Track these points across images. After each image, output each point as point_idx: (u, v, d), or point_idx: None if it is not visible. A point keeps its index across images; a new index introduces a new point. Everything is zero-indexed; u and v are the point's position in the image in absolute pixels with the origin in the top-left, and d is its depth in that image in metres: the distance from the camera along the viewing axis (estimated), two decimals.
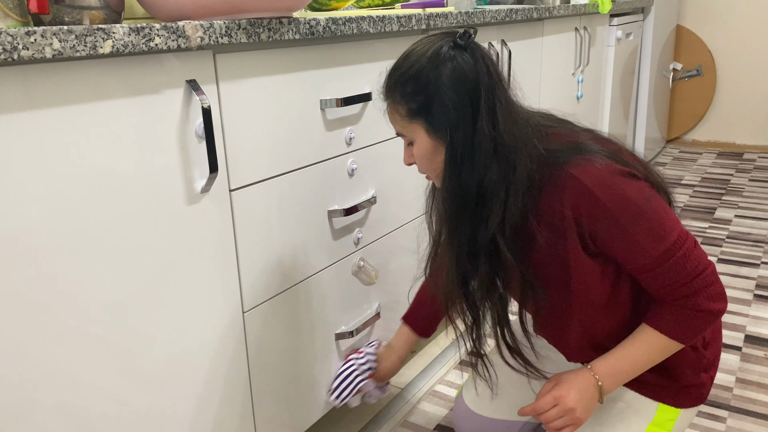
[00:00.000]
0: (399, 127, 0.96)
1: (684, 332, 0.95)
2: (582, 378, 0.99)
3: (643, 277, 0.94)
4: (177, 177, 0.91)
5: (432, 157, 0.95)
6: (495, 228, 0.92)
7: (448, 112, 0.90)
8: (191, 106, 0.91)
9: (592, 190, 0.89)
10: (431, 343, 1.76)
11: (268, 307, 1.12)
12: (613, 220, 0.90)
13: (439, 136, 0.92)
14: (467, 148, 0.91)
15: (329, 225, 1.23)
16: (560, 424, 0.98)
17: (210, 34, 0.88)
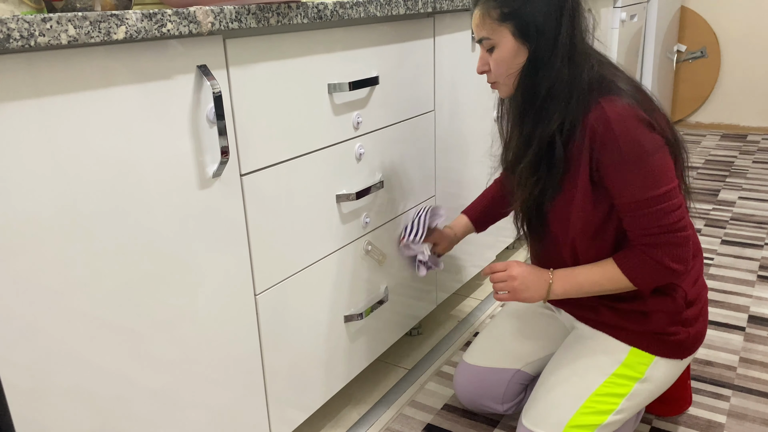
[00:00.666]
0: (487, 31, 1.06)
1: (637, 275, 1.07)
2: (538, 270, 1.16)
3: (625, 215, 1.05)
4: (189, 162, 0.92)
5: (512, 59, 1.06)
6: (555, 127, 1.04)
7: (537, 18, 1.02)
8: (202, 92, 0.92)
9: (610, 121, 1.00)
10: (438, 324, 1.78)
11: (279, 290, 1.13)
12: (618, 154, 1.00)
13: (524, 40, 1.04)
14: (547, 53, 1.03)
15: (337, 209, 1.24)
16: (500, 286, 1.17)
17: (220, 20, 0.89)
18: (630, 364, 1.13)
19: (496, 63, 1.08)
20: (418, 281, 1.58)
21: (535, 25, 1.02)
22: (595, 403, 1.12)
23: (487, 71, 1.11)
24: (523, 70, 1.06)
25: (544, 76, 1.04)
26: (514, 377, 1.31)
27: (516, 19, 1.03)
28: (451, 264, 1.73)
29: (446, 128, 1.58)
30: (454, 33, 1.53)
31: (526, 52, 1.05)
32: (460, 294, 1.95)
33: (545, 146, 1.06)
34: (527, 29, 1.03)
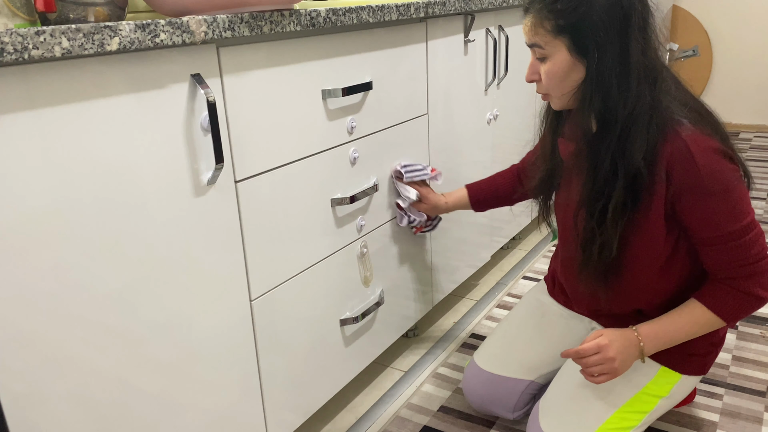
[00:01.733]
0: (539, 40, 0.98)
1: (729, 311, 1.01)
2: (626, 335, 1.05)
3: (708, 249, 1.00)
4: (184, 170, 0.93)
5: (566, 75, 0.98)
6: (641, 157, 0.94)
7: (597, 32, 0.92)
8: (196, 100, 0.93)
9: (692, 154, 0.93)
10: (433, 326, 1.79)
11: (275, 295, 1.14)
12: (700, 188, 0.95)
13: (581, 55, 0.95)
14: (615, 71, 0.93)
15: (332, 213, 1.25)
16: (598, 370, 1.04)
17: (213, 28, 0.89)
18: (658, 382, 1.12)
19: (547, 76, 1.00)
20: (414, 282, 1.59)
21: (596, 41, 0.93)
22: (620, 420, 1.10)
23: (537, 80, 1.04)
24: (587, 90, 0.96)
25: (621, 98, 0.94)
26: (527, 388, 1.29)
27: (573, 33, 0.94)
28: (447, 265, 1.74)
29: (439, 131, 1.59)
30: (446, 37, 1.54)
31: (584, 68, 0.97)
32: (456, 295, 1.96)
33: (631, 180, 0.97)
34: (585, 45, 0.94)
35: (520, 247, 2.32)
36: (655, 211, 0.99)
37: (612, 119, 0.95)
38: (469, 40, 1.64)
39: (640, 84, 0.94)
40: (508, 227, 2.12)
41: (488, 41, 1.74)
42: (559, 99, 1.03)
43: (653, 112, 0.94)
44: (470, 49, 1.66)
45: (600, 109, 0.96)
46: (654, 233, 1.01)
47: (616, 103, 0.95)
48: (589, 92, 0.96)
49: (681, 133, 0.94)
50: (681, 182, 0.95)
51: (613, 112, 0.95)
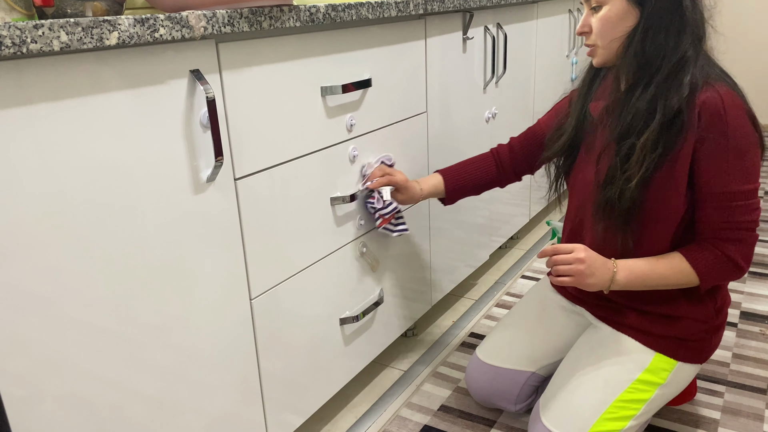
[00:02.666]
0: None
1: (704, 269, 1.05)
2: (603, 257, 1.08)
3: (706, 204, 1.02)
4: (183, 167, 0.92)
5: (620, 21, 1.02)
6: (686, 94, 0.98)
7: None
8: (195, 96, 0.92)
9: (725, 107, 0.97)
10: (432, 325, 1.78)
11: (275, 294, 1.13)
12: (723, 141, 0.98)
13: (636, 2, 1.00)
14: (667, 19, 0.99)
15: (332, 211, 1.24)
16: (564, 269, 1.07)
17: (213, 24, 0.88)
18: (653, 369, 1.12)
19: (600, 22, 1.04)
20: (413, 282, 1.58)
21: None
22: (618, 409, 1.11)
23: (587, 33, 1.07)
24: (635, 35, 1.01)
25: (670, 44, 0.99)
26: (528, 380, 1.30)
27: None
28: (445, 264, 1.73)
29: (438, 129, 1.58)
30: (445, 34, 1.53)
31: (637, 15, 1.01)
32: (455, 294, 1.95)
33: (670, 117, 0.99)
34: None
35: (518, 246, 2.31)
36: (682, 160, 1.01)
37: (656, 64, 1.00)
38: (468, 38, 1.63)
39: (689, 36, 0.99)
40: (506, 227, 2.12)
41: (487, 39, 1.74)
42: (603, 50, 1.06)
43: (697, 62, 0.99)
44: (469, 46, 1.65)
45: (645, 52, 1.00)
46: (677, 183, 1.02)
47: (662, 49, 0.99)
48: (638, 38, 1.00)
49: (719, 87, 0.98)
50: (707, 129, 0.98)
51: (658, 57, 1.00)
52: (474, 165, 1.38)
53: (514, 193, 2.12)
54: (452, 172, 1.37)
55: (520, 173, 1.40)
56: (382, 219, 1.32)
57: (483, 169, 1.37)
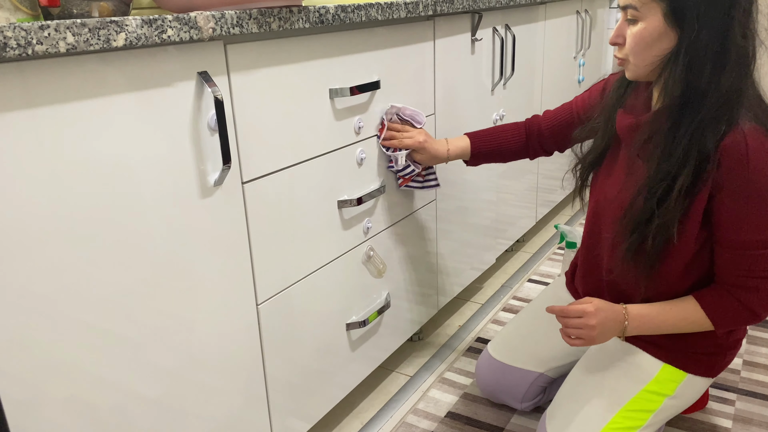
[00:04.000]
0: (634, 0, 0.93)
1: (720, 316, 1.01)
2: (614, 309, 1.05)
3: (724, 251, 0.98)
4: (190, 170, 0.90)
5: (654, 42, 0.93)
6: (715, 141, 0.91)
7: (700, 4, 0.88)
8: (203, 99, 0.90)
9: (749, 151, 0.90)
10: (439, 330, 1.76)
11: (281, 299, 1.11)
12: (744, 188, 0.92)
13: (676, 24, 0.90)
14: (712, 48, 0.89)
15: (339, 215, 1.22)
16: (576, 333, 1.05)
17: (222, 25, 0.87)
18: (661, 380, 1.10)
19: (634, 39, 0.95)
20: (420, 285, 1.56)
21: (697, 12, 0.88)
22: (624, 419, 1.09)
23: (620, 44, 0.99)
24: (675, 62, 0.91)
25: (714, 79, 0.90)
26: (536, 380, 1.30)
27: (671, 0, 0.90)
28: (451, 267, 1.72)
29: (447, 131, 1.56)
30: (453, 36, 1.51)
31: (675, 38, 0.92)
32: (461, 298, 1.94)
33: (699, 164, 0.92)
34: (684, 13, 0.89)
35: (525, 249, 2.30)
36: (698, 203, 0.95)
37: (699, 98, 0.91)
38: (477, 39, 1.61)
39: (735, 68, 0.90)
40: (512, 229, 2.10)
41: (495, 40, 1.72)
42: (636, 67, 0.98)
43: (737, 100, 0.91)
44: (477, 48, 1.63)
45: (688, 85, 0.92)
46: (692, 224, 0.98)
47: (708, 82, 0.90)
48: (678, 65, 0.91)
49: (746, 127, 0.90)
50: (727, 174, 0.92)
51: (702, 92, 0.91)
52: (504, 132, 1.34)
53: (519, 195, 2.10)
54: (480, 136, 1.34)
55: (548, 150, 1.36)
56: (402, 179, 1.32)
57: (512, 137, 1.33)
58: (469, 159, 1.36)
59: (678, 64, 0.91)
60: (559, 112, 1.33)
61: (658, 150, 0.96)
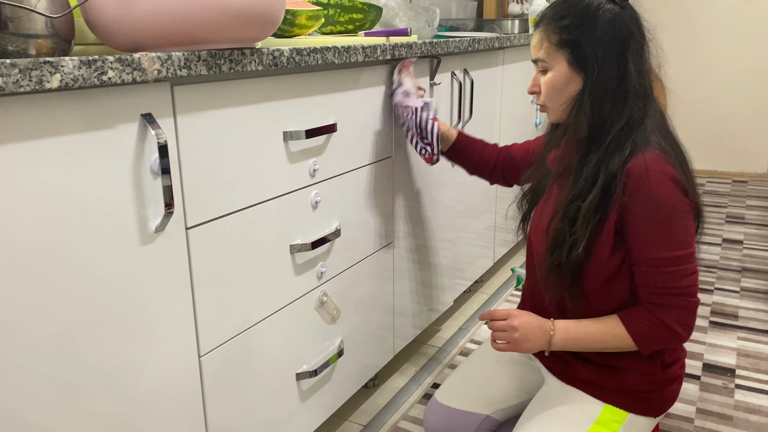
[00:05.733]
0: (543, 53, 1.07)
1: (640, 334, 1.04)
2: (540, 319, 1.11)
3: (639, 269, 1.03)
4: (130, 216, 0.85)
5: (564, 87, 1.06)
6: (620, 164, 1.00)
7: (597, 50, 1.01)
8: (146, 141, 0.86)
9: (649, 175, 0.98)
10: (394, 375, 1.72)
11: (226, 350, 1.06)
12: (650, 207, 0.98)
13: (579, 69, 1.04)
14: (611, 87, 1.02)
15: (291, 260, 1.18)
16: (500, 336, 1.11)
17: (168, 67, 0.83)
18: (604, 421, 1.10)
19: (546, 86, 1.08)
20: (376, 328, 1.52)
21: (595, 57, 1.01)
22: None
23: (537, 92, 1.11)
24: (582, 100, 1.04)
25: (614, 112, 1.02)
26: (483, 422, 1.27)
27: (574, 47, 1.03)
28: (409, 309, 1.68)
29: (405, 174, 1.55)
30: None
31: (581, 81, 1.04)
32: (418, 341, 1.90)
33: (606, 185, 1.01)
34: (584, 59, 1.02)
35: (483, 290, 2.28)
36: (609, 221, 1.02)
37: (604, 129, 1.03)
38: (435, 83, 1.62)
39: (633, 102, 1.02)
40: (471, 269, 2.09)
41: (453, 84, 1.73)
42: (554, 110, 1.10)
43: (642, 126, 1.02)
44: (436, 92, 1.64)
45: (593, 119, 1.03)
46: (605, 243, 1.04)
47: (609, 115, 1.02)
48: (584, 104, 1.03)
49: (647, 152, 0.99)
50: (632, 197, 0.99)
51: (606, 124, 1.02)
52: (483, 145, 1.46)
53: (478, 233, 2.09)
54: (465, 135, 1.47)
55: (507, 178, 1.46)
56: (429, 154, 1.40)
57: (486, 151, 1.45)
58: (449, 148, 1.46)
59: (584, 102, 1.03)
60: (523, 147, 1.43)
61: (571, 175, 1.07)
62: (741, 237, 2.77)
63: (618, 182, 1.00)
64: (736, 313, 2.06)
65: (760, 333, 1.93)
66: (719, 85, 3.76)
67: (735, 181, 3.74)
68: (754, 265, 2.46)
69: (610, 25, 1.01)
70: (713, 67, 3.75)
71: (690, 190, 1.02)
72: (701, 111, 3.82)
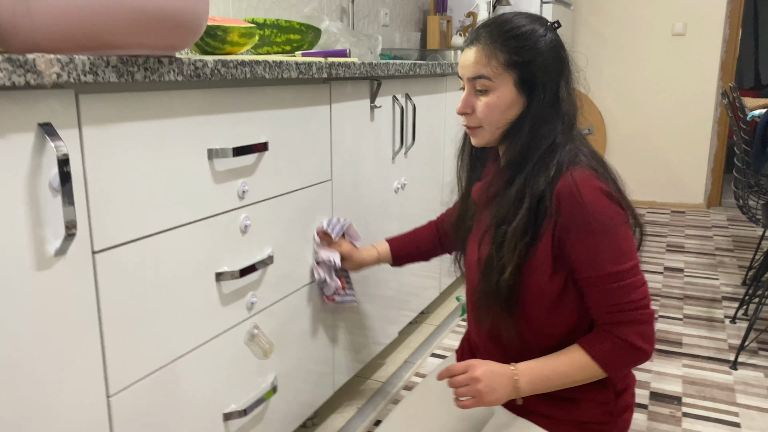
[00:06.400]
0: (489, 71, 1.01)
1: (606, 358, 0.99)
2: (501, 365, 1.03)
3: (590, 290, 0.99)
4: (23, 237, 0.75)
5: (507, 109, 1.02)
6: (550, 180, 0.97)
7: (543, 73, 1.00)
8: (44, 154, 0.77)
9: (581, 192, 0.95)
10: (335, 413, 1.62)
11: (140, 389, 0.95)
12: (586, 225, 0.95)
13: (525, 92, 1.01)
14: (549, 110, 1.00)
15: (217, 289, 1.09)
16: (463, 391, 1.02)
17: (69, 71, 0.75)
18: None
19: (487, 108, 1.02)
20: (314, 363, 1.43)
21: (542, 80, 1.00)
22: None
23: (469, 114, 1.05)
24: (523, 124, 1.01)
25: (545, 134, 1.00)
26: None
27: (524, 69, 1.00)
28: (350, 343, 1.60)
29: (345, 198, 1.48)
30: (351, 101, 1.46)
31: (524, 103, 1.02)
32: (361, 376, 1.81)
33: (534, 207, 0.98)
34: (533, 82, 1.00)
35: (429, 321, 2.22)
36: (544, 244, 0.99)
37: (532, 151, 1.00)
38: (376, 106, 1.57)
39: (563, 123, 1.00)
40: (416, 300, 2.02)
41: (395, 109, 1.69)
42: (489, 133, 1.05)
43: (564, 149, 0.99)
44: (377, 115, 1.59)
45: (526, 142, 1.01)
46: (542, 267, 1.00)
47: (540, 138, 1.00)
48: (523, 128, 1.01)
49: (574, 171, 0.97)
50: (568, 216, 0.96)
51: (535, 146, 1.00)
52: (418, 234, 1.42)
53: (423, 263, 2.04)
54: (399, 240, 1.43)
55: None
56: (326, 297, 1.40)
57: (425, 237, 1.41)
58: (392, 262, 1.42)
59: (523, 126, 1.01)
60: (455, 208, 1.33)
61: (497, 200, 1.04)
62: (682, 265, 2.82)
63: (547, 203, 0.97)
64: (680, 340, 2.06)
65: (704, 360, 1.92)
66: (655, 119, 3.88)
67: (674, 212, 3.84)
68: (695, 293, 2.49)
69: (553, 51, 1.01)
70: (648, 102, 3.88)
71: (623, 202, 0.99)
72: (639, 144, 3.94)
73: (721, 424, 1.58)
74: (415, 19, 3.17)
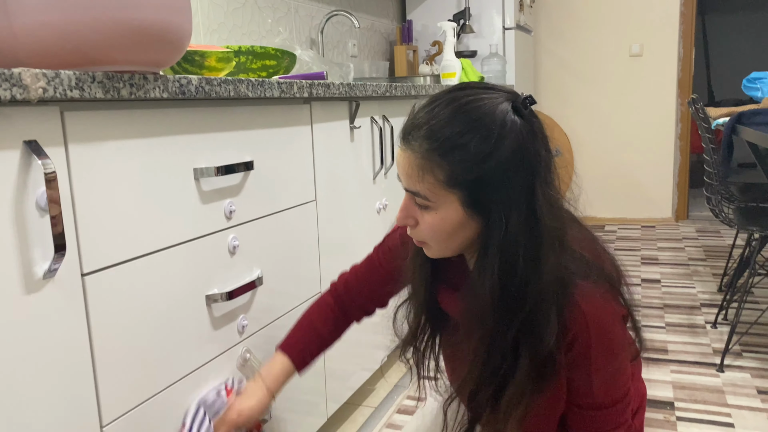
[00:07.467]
0: (424, 189, 0.79)
1: None
2: None
3: (573, 411, 0.89)
4: (11, 259, 0.72)
5: (456, 231, 0.80)
6: (553, 337, 0.78)
7: (501, 190, 0.76)
8: (31, 173, 0.75)
9: (589, 328, 0.80)
10: None
11: (134, 417, 0.91)
12: (588, 358, 0.83)
13: (477, 212, 0.78)
14: (522, 238, 0.76)
15: (208, 312, 1.06)
16: None
17: (55, 86, 0.73)
18: None
19: (431, 227, 0.81)
20: (306, 390, 1.39)
21: (500, 199, 0.76)
22: None
23: (412, 225, 0.84)
24: (485, 247, 0.79)
25: (529, 271, 0.77)
26: None
27: (471, 188, 0.77)
28: (341, 370, 1.57)
29: (330, 219, 1.47)
30: (331, 121, 1.46)
31: (479, 223, 0.79)
32: (352, 403, 1.77)
33: (539, 364, 0.80)
34: (486, 202, 0.77)
35: None
36: (560, 386, 0.86)
37: (517, 294, 0.78)
38: (355, 127, 1.58)
39: (548, 247, 0.78)
40: (403, 324, 2.00)
41: (374, 130, 1.70)
42: (439, 251, 0.85)
43: (561, 282, 0.79)
44: (357, 135, 1.60)
45: (501, 278, 0.78)
46: (557, 400, 0.88)
47: (523, 275, 0.77)
48: (489, 261, 0.78)
49: (578, 299, 0.80)
50: (573, 348, 0.83)
51: (519, 286, 0.78)
52: (315, 322, 1.13)
53: None
54: (294, 345, 1.11)
55: (369, 311, 1.18)
56: None
57: (326, 322, 1.14)
58: (299, 371, 1.11)
59: (488, 252, 0.78)
60: (367, 272, 1.14)
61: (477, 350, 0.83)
62: (658, 276, 2.86)
63: (561, 345, 0.81)
64: (665, 347, 2.08)
65: (690, 365, 1.94)
66: (620, 138, 3.99)
67: (644, 227, 3.92)
68: (674, 302, 2.52)
69: (517, 155, 0.76)
70: (613, 122, 3.99)
71: (628, 311, 0.87)
72: (607, 163, 4.03)
73: (715, 425, 1.58)
74: (382, 49, 3.23)
